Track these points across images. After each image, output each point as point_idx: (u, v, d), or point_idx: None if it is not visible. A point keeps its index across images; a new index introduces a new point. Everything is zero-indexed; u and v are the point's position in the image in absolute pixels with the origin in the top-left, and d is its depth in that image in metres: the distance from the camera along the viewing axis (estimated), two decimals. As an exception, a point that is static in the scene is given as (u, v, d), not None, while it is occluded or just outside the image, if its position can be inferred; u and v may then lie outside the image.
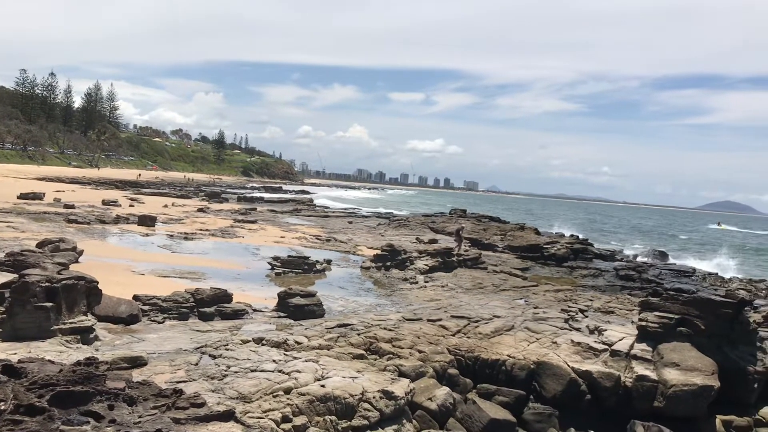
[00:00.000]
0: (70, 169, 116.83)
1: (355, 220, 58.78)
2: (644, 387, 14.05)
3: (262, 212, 58.45)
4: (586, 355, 15.32)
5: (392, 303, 21.25)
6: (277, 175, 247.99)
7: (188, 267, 24.54)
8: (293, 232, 41.82)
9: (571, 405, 14.06)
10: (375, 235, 44.47)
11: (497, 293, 24.24)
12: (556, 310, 19.95)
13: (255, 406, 9.99)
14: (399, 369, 13.21)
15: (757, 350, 15.55)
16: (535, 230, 50.64)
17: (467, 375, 14.58)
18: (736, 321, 15.60)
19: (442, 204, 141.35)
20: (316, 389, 10.72)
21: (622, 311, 20.60)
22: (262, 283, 23.52)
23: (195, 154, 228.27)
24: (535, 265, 37.50)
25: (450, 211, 67.97)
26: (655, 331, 15.38)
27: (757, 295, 30.38)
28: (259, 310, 17.74)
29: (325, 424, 10.21)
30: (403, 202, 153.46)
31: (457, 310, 19.07)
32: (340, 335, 14.85)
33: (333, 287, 23.52)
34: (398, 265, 29.03)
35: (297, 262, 26.76)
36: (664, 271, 38.20)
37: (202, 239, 34.38)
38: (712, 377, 13.93)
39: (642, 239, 72.42)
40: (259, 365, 11.68)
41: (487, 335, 16.29)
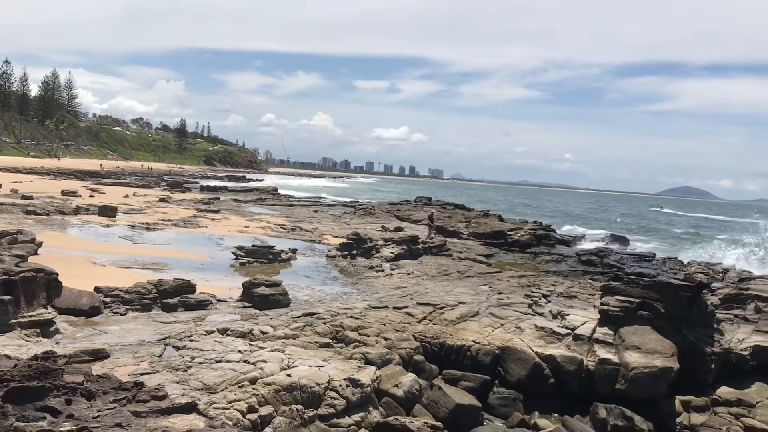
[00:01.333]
0: (27, 159, 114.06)
1: (320, 209, 58.58)
2: (606, 370, 14.29)
3: (225, 202, 57.89)
4: (549, 339, 15.52)
5: (358, 291, 21.26)
6: (241, 164, 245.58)
7: (150, 258, 24.20)
8: (257, 222, 41.50)
9: (535, 389, 14.25)
10: (340, 224, 44.38)
11: (462, 280, 24.40)
12: (520, 295, 20.17)
13: (220, 397, 9.93)
14: (365, 357, 13.23)
15: (714, 332, 15.91)
16: (499, 217, 51.11)
17: (433, 361, 14.67)
18: (695, 304, 15.93)
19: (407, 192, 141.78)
20: (282, 379, 10.68)
21: (584, 296, 20.92)
22: (227, 273, 23.31)
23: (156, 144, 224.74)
24: (500, 252, 37.85)
25: (415, 199, 68.24)
26: (616, 315, 15.63)
27: (715, 279, 31.12)
28: (224, 300, 17.60)
29: (292, 414, 10.19)
30: (369, 190, 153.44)
31: (422, 297, 19.15)
32: (306, 324, 14.81)
33: (298, 276, 23.43)
34: (364, 253, 29.04)
35: (262, 251, 26.57)
36: (625, 256, 38.89)
37: (164, 229, 33.92)
38: (671, 359, 14.23)
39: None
40: (224, 356, 11.60)
41: (452, 321, 16.40)
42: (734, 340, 15.93)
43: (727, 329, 16.32)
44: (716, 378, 15.23)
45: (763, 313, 16.99)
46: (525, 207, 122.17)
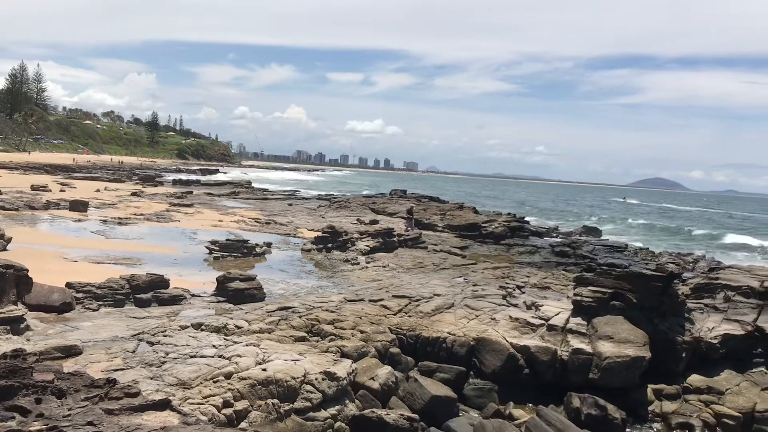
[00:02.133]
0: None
1: (295, 202, 58.31)
2: (580, 360, 14.46)
3: (198, 195, 57.35)
4: (523, 330, 15.65)
5: (334, 284, 21.22)
6: (214, 158, 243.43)
7: (123, 253, 23.91)
8: (231, 216, 41.19)
9: (510, 379, 14.37)
10: (315, 217, 44.24)
11: (437, 272, 24.48)
12: (495, 287, 20.29)
13: (195, 392, 9.86)
14: (341, 350, 13.23)
15: (685, 321, 16.17)
16: (474, 209, 51.30)
17: (409, 353, 14.72)
18: (666, 294, 16.17)
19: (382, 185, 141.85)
20: (258, 373, 10.63)
21: (557, 287, 21.10)
22: (200, 267, 23.12)
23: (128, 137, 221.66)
24: (474, 244, 38.04)
25: (390, 192, 68.30)
26: (589, 305, 15.81)
27: (685, 269, 31.61)
28: (198, 295, 17.46)
29: (267, 408, 10.15)
30: (344, 183, 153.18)
31: (398, 289, 19.19)
32: (282, 318, 14.76)
33: (273, 270, 23.32)
34: (339, 246, 28.99)
35: (236, 245, 26.38)
36: (598, 246, 39.33)
37: (136, 224, 33.53)
38: (643, 348, 14.43)
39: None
40: (198, 351, 11.51)
41: (427, 314, 16.45)
42: (704, 328, 16.21)
43: (697, 318, 16.59)
44: (687, 366, 15.50)
45: (732, 302, 17.27)
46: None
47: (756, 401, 14.43)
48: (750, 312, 16.74)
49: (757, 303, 16.94)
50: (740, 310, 16.87)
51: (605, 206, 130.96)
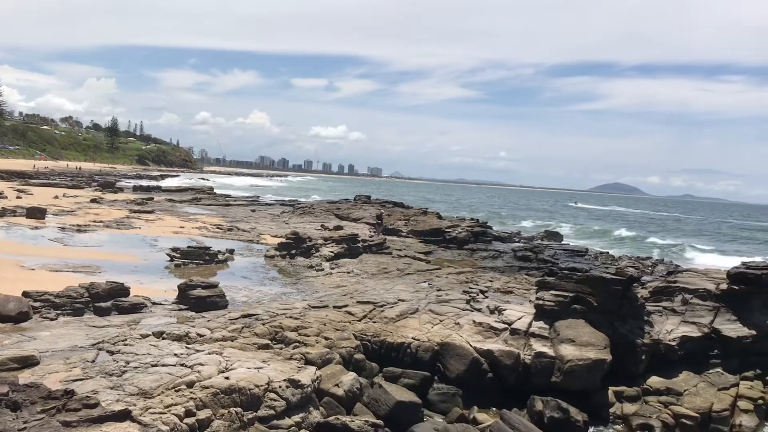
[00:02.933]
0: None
1: (258, 208, 57.87)
2: (542, 363, 14.61)
3: (159, 202, 56.55)
4: (487, 334, 15.76)
5: (298, 291, 21.09)
6: (175, 163, 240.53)
7: (82, 260, 23.44)
8: (193, 222, 40.68)
9: (474, 383, 14.45)
10: (279, 223, 43.96)
11: (402, 277, 24.52)
12: (458, 291, 20.40)
13: (157, 402, 9.71)
14: (305, 357, 13.16)
15: (644, 324, 16.47)
16: (437, 214, 51.57)
17: (374, 359, 14.70)
18: (626, 297, 16.46)
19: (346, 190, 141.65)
20: (220, 381, 10.52)
21: (520, 291, 21.29)
22: (161, 275, 22.78)
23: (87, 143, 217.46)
24: (438, 249, 38.22)
25: (354, 198, 68.19)
26: (551, 309, 15.99)
27: (644, 272, 32.21)
28: (159, 303, 17.19)
29: (231, 416, 10.04)
30: (308, 189, 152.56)
31: (362, 295, 19.16)
32: (245, 326, 14.62)
33: (236, 277, 23.09)
34: (303, 252, 28.86)
35: (197, 252, 26.07)
36: (559, 251, 39.82)
37: (96, 231, 32.88)
38: (604, 351, 14.65)
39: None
40: (160, 360, 11.35)
41: (392, 319, 16.46)
42: (663, 331, 16.53)
43: (656, 321, 16.91)
44: (646, 368, 15.78)
45: (690, 305, 17.65)
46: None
47: (713, 401, 14.78)
48: (707, 314, 17.13)
49: (714, 305, 17.36)
50: (697, 313, 17.26)
51: (559, 210, 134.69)
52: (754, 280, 17.02)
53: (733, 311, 17.02)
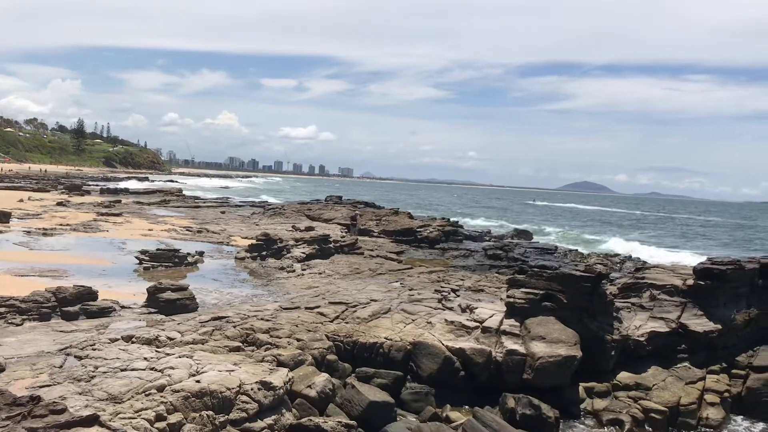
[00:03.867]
0: None
1: (227, 210, 57.43)
2: (514, 361, 14.72)
3: (127, 204, 55.85)
4: (459, 333, 15.83)
5: (269, 293, 21.00)
6: (143, 165, 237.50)
7: (48, 264, 23.07)
8: (162, 224, 40.26)
9: (446, 382, 14.50)
10: (249, 225, 43.68)
11: (374, 277, 24.53)
12: (430, 291, 20.47)
13: (127, 407, 9.59)
14: (277, 359, 13.09)
15: (613, 320, 16.68)
16: (409, 214, 51.67)
17: (346, 360, 14.67)
18: (595, 294, 16.64)
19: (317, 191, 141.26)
20: (191, 385, 10.42)
21: (491, 289, 21.44)
22: (130, 278, 22.53)
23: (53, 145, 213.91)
24: (410, 248, 38.34)
25: (326, 198, 68.03)
26: (522, 306, 16.11)
27: (613, 269, 32.62)
28: (128, 306, 17.00)
29: (202, 420, 9.94)
30: (278, 190, 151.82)
31: (334, 296, 19.11)
32: (215, 328, 14.50)
33: (206, 280, 22.92)
34: (274, 254, 28.73)
35: (167, 255, 25.81)
36: (529, 249, 40.16)
37: (62, 235, 32.39)
38: (574, 348, 14.80)
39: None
40: (129, 364, 11.21)
41: (364, 319, 16.45)
42: (632, 327, 16.76)
43: (625, 317, 17.13)
44: (616, 364, 15.98)
45: (658, 301, 17.93)
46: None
47: (681, 395, 15.03)
48: (674, 309, 17.42)
49: (681, 301, 17.65)
50: (665, 308, 17.53)
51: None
52: (719, 276, 17.34)
53: (699, 306, 17.32)
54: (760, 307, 17.44)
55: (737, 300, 17.42)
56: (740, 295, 17.49)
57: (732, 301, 17.36)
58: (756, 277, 17.78)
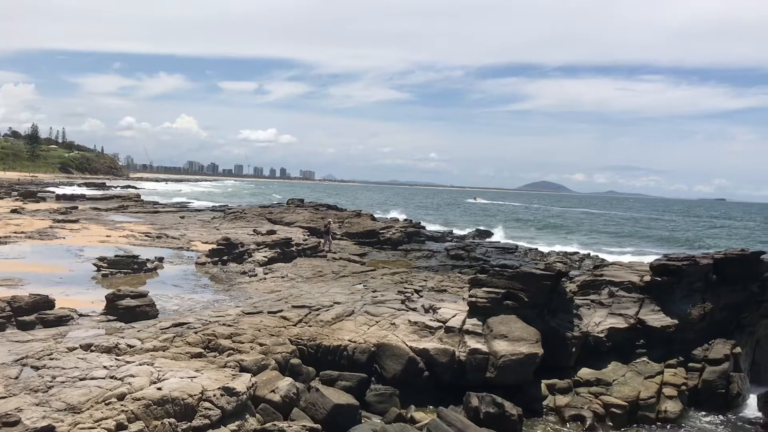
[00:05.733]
0: None
1: (187, 215, 56.71)
2: (477, 360, 14.84)
3: (84, 210, 54.73)
4: (422, 333, 15.90)
5: (231, 298, 20.80)
6: (100, 171, 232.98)
7: (2, 273, 22.47)
8: (120, 230, 39.56)
9: (410, 383, 14.55)
10: (210, 229, 43.19)
11: (337, 280, 24.47)
12: (394, 292, 20.51)
13: (86, 416, 9.41)
14: (240, 364, 12.98)
15: (573, 317, 16.94)
16: (371, 216, 51.74)
17: (310, 363, 14.62)
18: (555, 291, 16.89)
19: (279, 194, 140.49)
20: (152, 393, 10.27)
21: (454, 289, 21.58)
22: (88, 285, 22.10)
23: (5, 151, 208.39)
24: (373, 250, 38.42)
25: (287, 201, 67.65)
26: (484, 305, 16.26)
27: (572, 267, 33.15)
28: (86, 314, 16.67)
29: (164, 428, 9.82)
30: (239, 194, 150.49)
31: (297, 299, 19.03)
32: (176, 335, 14.32)
33: (166, 286, 22.60)
34: (236, 258, 28.47)
35: (125, 261, 25.40)
36: (490, 248, 40.58)
37: (17, 242, 31.56)
38: (536, 345, 15.00)
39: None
40: (88, 373, 11.00)
41: (328, 322, 16.41)
42: (591, 323, 17.05)
43: (584, 314, 17.42)
44: (577, 360, 16.24)
45: (616, 297, 18.26)
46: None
47: (640, 390, 15.34)
48: (632, 305, 17.76)
49: (638, 297, 18.01)
50: (623, 304, 17.87)
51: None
52: (675, 271, 17.74)
53: (656, 302, 17.68)
54: (714, 302, 17.88)
55: (693, 295, 17.82)
56: (695, 290, 17.90)
57: (688, 296, 17.76)
58: (710, 272, 18.21)
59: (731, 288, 18.32)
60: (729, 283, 18.33)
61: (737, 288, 18.37)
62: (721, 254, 19.14)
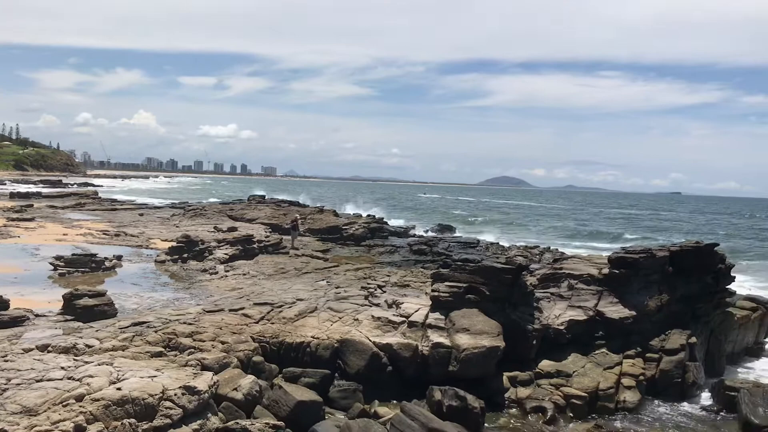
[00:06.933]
0: None
1: (146, 212, 55.82)
2: (440, 353, 14.94)
3: (40, 208, 53.49)
4: (386, 328, 15.94)
5: (191, 296, 20.57)
6: (56, 168, 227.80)
7: (-46, 274, 21.90)
8: (77, 229, 38.80)
9: (374, 378, 14.58)
10: (169, 227, 42.60)
11: (300, 277, 24.38)
12: (357, 288, 20.52)
13: (43, 419, 9.23)
14: (201, 363, 12.86)
15: (534, 310, 17.16)
16: (334, 212, 51.63)
17: (273, 361, 14.55)
18: (516, 285, 17.08)
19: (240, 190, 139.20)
20: (112, 393, 10.11)
21: (416, 284, 21.66)
22: (45, 285, 21.63)
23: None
24: (336, 246, 38.35)
25: (248, 198, 67.06)
26: (446, 300, 16.37)
27: (533, 260, 33.55)
28: (43, 315, 16.31)
29: (124, 428, 9.67)
30: (199, 190, 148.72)
31: (259, 297, 18.91)
32: (136, 334, 14.13)
33: (125, 284, 22.25)
34: (196, 256, 28.15)
35: (83, 260, 24.93)
36: (452, 243, 40.84)
37: (-31, 242, 30.77)
38: (498, 338, 15.15)
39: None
40: (45, 374, 10.77)
41: (291, 319, 16.35)
42: (552, 316, 17.30)
43: (545, 307, 17.66)
44: (538, 352, 16.47)
45: (575, 290, 18.55)
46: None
47: (599, 380, 15.61)
48: (591, 298, 18.06)
49: (597, 289, 18.33)
50: (582, 297, 18.16)
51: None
52: (632, 264, 18.09)
53: (614, 294, 18.01)
54: (670, 293, 18.28)
55: (650, 287, 18.20)
56: (652, 282, 18.28)
57: (645, 288, 18.12)
58: (666, 265, 18.61)
59: (687, 280, 18.77)
60: (684, 275, 18.77)
61: (692, 280, 18.82)
62: (677, 247, 19.58)
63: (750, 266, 42.35)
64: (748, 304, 21.57)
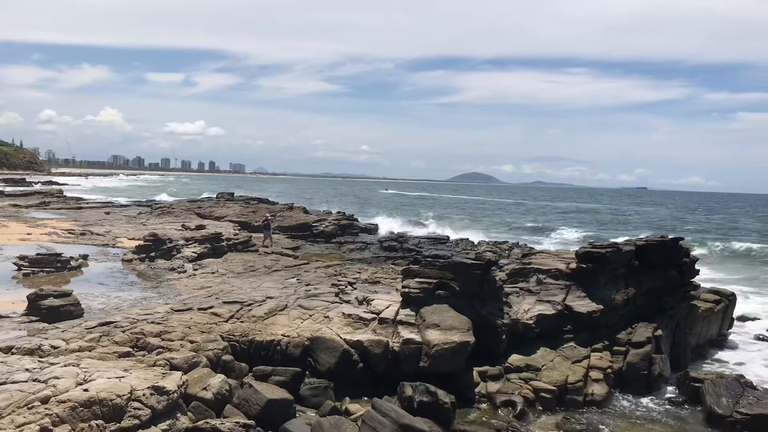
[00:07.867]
0: None
1: (112, 210, 55.08)
2: (410, 350, 14.98)
3: (3, 207, 52.42)
4: (356, 325, 15.94)
5: (159, 295, 20.35)
6: (19, 166, 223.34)
7: None
8: (42, 228, 38.11)
9: (345, 375, 14.57)
10: (136, 225, 42.07)
11: (269, 274, 24.27)
12: (327, 285, 20.49)
13: (7, 422, 9.07)
14: (170, 362, 12.75)
15: (503, 305, 17.29)
16: (304, 209, 51.43)
17: (243, 359, 14.46)
18: (485, 280, 17.20)
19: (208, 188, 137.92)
20: (79, 394, 9.96)
21: (387, 280, 21.72)
22: (8, 286, 21.24)
23: None
24: (306, 243, 38.26)
25: (217, 195, 66.51)
26: (417, 296, 16.42)
27: (501, 256, 33.85)
28: (6, 316, 16.02)
29: (92, 430, 9.54)
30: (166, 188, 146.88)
31: (229, 295, 18.79)
32: (103, 334, 13.94)
33: (92, 284, 21.94)
34: (164, 254, 27.85)
35: (48, 260, 24.52)
36: (423, 239, 41.00)
37: (-72, 243, 30.04)
38: (468, 334, 15.24)
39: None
40: (9, 377, 10.57)
41: (260, 317, 16.27)
42: (521, 311, 17.44)
43: (514, 301, 17.81)
44: (507, 347, 16.60)
45: (544, 285, 18.74)
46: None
47: (568, 374, 15.80)
48: (559, 292, 18.26)
49: (565, 284, 18.53)
50: (551, 291, 18.35)
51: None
52: (599, 258, 18.32)
53: (582, 288, 18.22)
54: (636, 287, 18.56)
55: (616, 281, 18.45)
56: (619, 276, 18.54)
57: (612, 282, 18.37)
58: (632, 259, 18.90)
59: (652, 273, 19.07)
60: (650, 268, 19.08)
61: (658, 273, 19.13)
62: (643, 241, 19.88)
63: (713, 258, 43.27)
64: (711, 296, 21.99)
